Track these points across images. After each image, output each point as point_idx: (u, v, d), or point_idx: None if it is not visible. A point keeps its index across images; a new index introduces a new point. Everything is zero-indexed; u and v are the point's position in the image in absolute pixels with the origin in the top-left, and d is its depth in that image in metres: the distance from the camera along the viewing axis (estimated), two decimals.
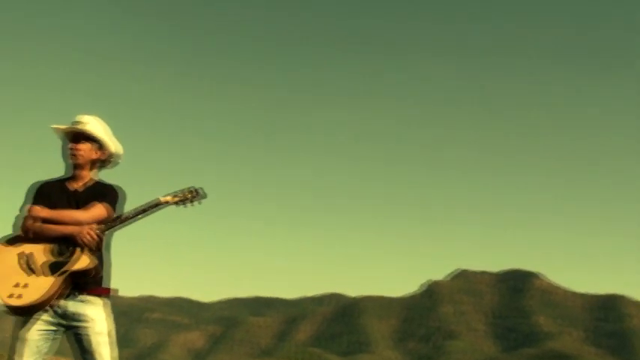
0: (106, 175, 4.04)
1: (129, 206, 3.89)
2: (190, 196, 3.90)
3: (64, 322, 3.71)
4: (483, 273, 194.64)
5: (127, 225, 3.80)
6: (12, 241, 3.76)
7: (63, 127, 3.92)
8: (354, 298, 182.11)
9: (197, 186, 3.95)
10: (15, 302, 3.56)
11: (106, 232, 3.76)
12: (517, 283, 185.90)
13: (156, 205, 3.82)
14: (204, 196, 3.94)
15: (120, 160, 4.04)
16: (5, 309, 3.60)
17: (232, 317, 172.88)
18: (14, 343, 3.69)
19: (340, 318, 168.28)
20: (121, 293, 4.01)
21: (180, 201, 3.89)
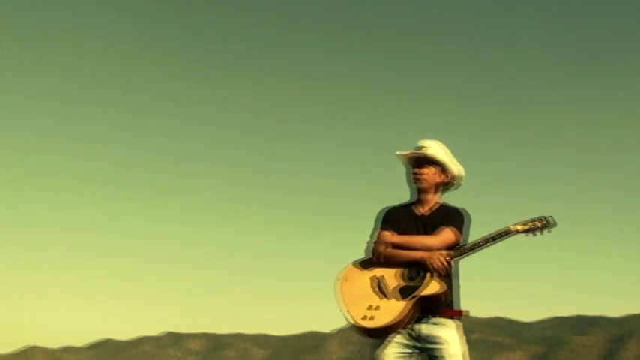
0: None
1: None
2: (540, 225, 3.83)
3: (418, 344, 3.76)
4: None
5: (474, 253, 3.79)
6: (363, 264, 3.91)
7: (406, 153, 4.00)
8: None
9: (547, 214, 3.88)
10: (367, 324, 3.67)
11: (455, 259, 3.78)
12: None
13: (505, 234, 3.79)
14: (554, 225, 3.85)
15: (462, 182, 4.06)
16: (357, 330, 3.72)
17: (555, 336, 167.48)
18: None
19: None
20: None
21: (530, 230, 3.83)
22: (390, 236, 3.85)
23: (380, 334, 3.73)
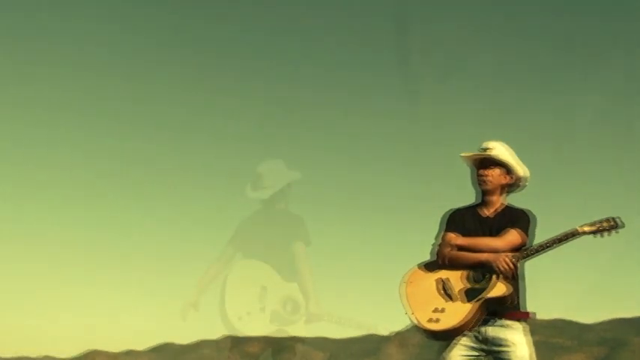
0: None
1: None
2: (608, 226, 3.73)
3: (485, 347, 3.74)
4: None
5: (540, 254, 3.75)
6: (428, 266, 3.89)
7: (470, 154, 3.98)
8: None
9: (614, 215, 3.78)
10: (432, 326, 3.66)
11: (520, 261, 3.74)
12: None
13: (572, 235, 3.72)
14: (622, 226, 3.75)
15: (527, 184, 4.01)
16: (423, 333, 3.71)
17: (617, 338, 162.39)
18: None
19: None
20: None
21: (598, 231, 3.74)
22: (455, 238, 3.85)
23: (446, 337, 3.71)
